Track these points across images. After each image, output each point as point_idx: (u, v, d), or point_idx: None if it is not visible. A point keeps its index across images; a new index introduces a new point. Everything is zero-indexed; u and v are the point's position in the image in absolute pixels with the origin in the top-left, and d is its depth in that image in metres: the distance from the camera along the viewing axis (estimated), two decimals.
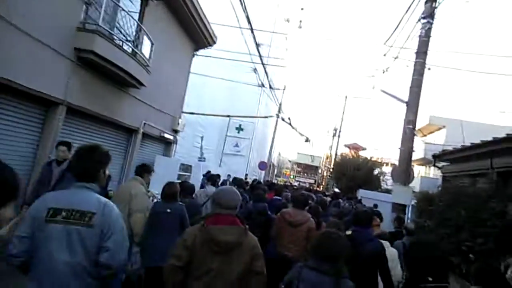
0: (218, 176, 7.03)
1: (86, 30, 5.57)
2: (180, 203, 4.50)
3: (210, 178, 6.78)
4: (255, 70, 13.17)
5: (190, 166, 10.21)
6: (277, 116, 20.96)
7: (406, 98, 8.55)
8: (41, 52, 4.99)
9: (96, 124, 6.80)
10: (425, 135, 30.30)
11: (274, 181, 38.71)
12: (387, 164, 36.25)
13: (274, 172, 41.46)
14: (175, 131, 10.47)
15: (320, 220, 5.32)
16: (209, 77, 18.52)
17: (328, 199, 11.66)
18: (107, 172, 2.20)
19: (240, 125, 20.22)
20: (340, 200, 10.75)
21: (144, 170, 4.59)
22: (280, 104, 22.10)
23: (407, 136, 8.35)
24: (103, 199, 2.01)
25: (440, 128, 25.09)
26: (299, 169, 65.22)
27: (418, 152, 28.40)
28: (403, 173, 8.40)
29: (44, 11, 4.95)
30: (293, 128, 22.25)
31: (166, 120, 9.81)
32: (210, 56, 15.30)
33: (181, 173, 9.63)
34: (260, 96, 20.31)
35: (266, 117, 19.31)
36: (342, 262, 2.35)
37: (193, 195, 6.67)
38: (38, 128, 5.42)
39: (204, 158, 18.84)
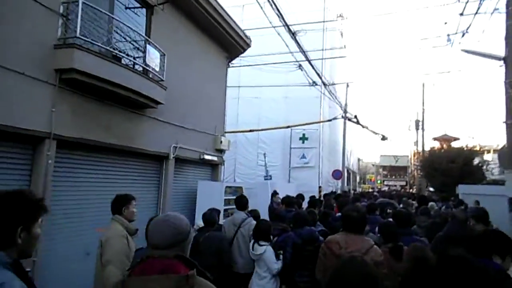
0: (242, 197, 5.58)
1: (64, 45, 4.70)
2: None
3: (237, 202, 5.33)
4: (300, 66, 11.54)
5: (240, 187, 8.88)
6: (343, 117, 18.85)
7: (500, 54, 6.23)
8: (13, 81, 4.20)
9: (106, 157, 5.88)
10: None
11: (358, 189, 35.66)
12: (488, 151, 31.10)
13: (356, 180, 38.34)
14: (220, 151, 9.33)
15: (398, 244, 3.48)
16: (262, 90, 17.46)
17: (414, 204, 9.31)
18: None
19: (303, 134, 18.54)
20: (432, 203, 8.40)
21: (120, 204, 3.38)
22: (346, 104, 19.96)
23: None
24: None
25: None
26: (385, 172, 60.29)
27: None
28: None
29: (10, 33, 4.19)
30: (363, 126, 19.81)
31: (206, 140, 8.72)
32: (252, 65, 14.28)
33: (229, 197, 8.35)
34: (321, 99, 18.52)
35: (329, 120, 17.37)
36: None
37: (220, 226, 5.33)
38: (27, 171, 4.61)
39: (270, 176, 17.49)
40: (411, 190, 42.10)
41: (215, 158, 9.00)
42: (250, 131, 16.98)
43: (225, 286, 4.55)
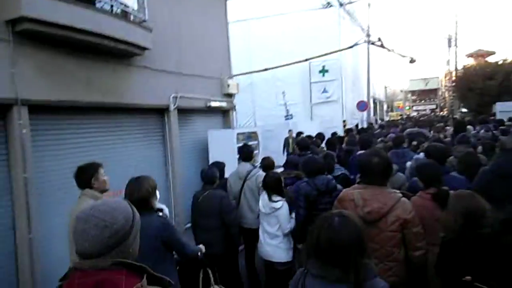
0: (246, 146, 4.87)
1: None
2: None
3: (241, 152, 4.71)
4: None
5: (254, 132, 8.22)
6: (366, 41, 17.19)
7: None
8: None
9: (94, 118, 5.27)
10: None
11: (386, 118, 34.16)
12: None
13: (383, 109, 36.72)
14: (229, 96, 8.56)
15: (442, 189, 2.75)
16: (273, 23, 16.00)
17: (449, 130, 8.32)
18: None
19: (323, 66, 17.22)
20: (468, 127, 7.42)
21: (86, 175, 2.82)
22: (368, 26, 18.12)
23: None
24: None
25: None
26: (413, 97, 57.61)
27: None
28: None
29: None
30: (388, 50, 18.12)
31: (211, 85, 7.92)
32: None
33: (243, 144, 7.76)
34: (339, 25, 16.80)
35: (351, 46, 15.83)
36: (356, 256, 1.45)
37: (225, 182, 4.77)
38: (2, 144, 4.11)
39: (291, 115, 16.68)
40: (441, 112, 40.07)
41: (223, 104, 8.27)
42: (265, 70, 15.85)
43: (233, 249, 4.12)
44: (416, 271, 2.41)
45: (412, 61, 18.62)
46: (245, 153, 4.79)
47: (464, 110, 22.64)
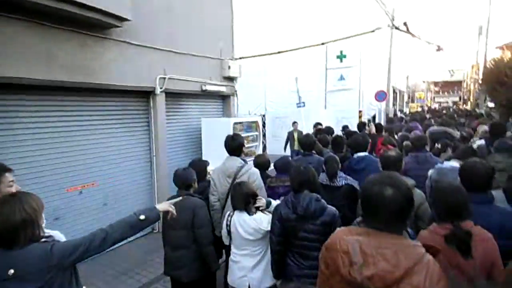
0: (234, 138, 3.80)
1: None
2: None
3: (227, 143, 3.76)
4: None
5: (255, 122, 7.34)
6: (390, 26, 15.85)
7: None
8: None
9: (58, 100, 4.50)
10: None
11: (406, 109, 32.51)
12: None
13: (404, 100, 35.00)
14: (230, 79, 7.66)
15: (461, 229, 1.88)
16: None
17: (480, 129, 7.16)
18: None
19: (341, 51, 16.03)
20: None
21: None
22: (393, 10, 16.70)
23: None
24: None
25: None
26: (436, 88, 55.18)
27: None
28: None
29: None
30: (414, 36, 16.71)
31: (208, 67, 7.03)
32: None
33: (243, 134, 6.91)
34: (361, 7, 15.53)
35: (373, 31, 14.53)
36: None
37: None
38: None
39: (303, 102, 15.66)
40: (464, 105, 38.03)
41: (222, 89, 7.38)
42: (278, 52, 14.77)
43: (207, 274, 3.31)
44: None
45: (438, 49, 17.22)
46: (232, 146, 3.70)
47: (490, 104, 21.05)
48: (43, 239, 1.73)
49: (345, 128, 8.38)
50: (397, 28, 15.24)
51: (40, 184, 4.30)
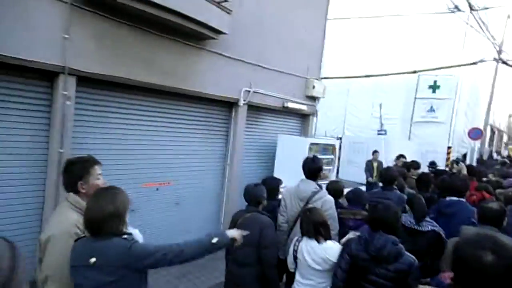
0: (313, 160, 3.51)
1: None
2: None
3: (305, 165, 3.56)
4: None
5: (332, 145, 7.08)
6: (496, 59, 14.33)
7: None
8: None
9: (149, 100, 4.81)
10: None
11: (504, 152, 28.95)
12: None
13: (503, 140, 31.22)
14: (312, 99, 7.56)
15: None
16: (381, 23, 14.27)
17: None
18: None
19: (435, 81, 14.92)
20: None
21: (74, 175, 2.16)
22: (502, 41, 15.11)
23: None
24: None
25: None
26: None
27: None
28: None
29: None
30: None
31: (292, 84, 7.02)
32: None
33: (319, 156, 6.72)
34: (464, 37, 14.35)
35: (474, 63, 13.25)
36: None
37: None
38: (45, 113, 3.84)
39: (385, 130, 14.88)
40: None
41: (304, 107, 7.30)
42: (365, 76, 14.28)
43: None
44: None
45: None
46: (310, 168, 3.53)
47: None
48: (124, 236, 1.79)
49: (432, 164, 7.65)
50: (504, 62, 13.70)
51: (122, 176, 4.61)
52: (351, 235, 2.71)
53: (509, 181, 6.49)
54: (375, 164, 9.01)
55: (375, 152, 9.35)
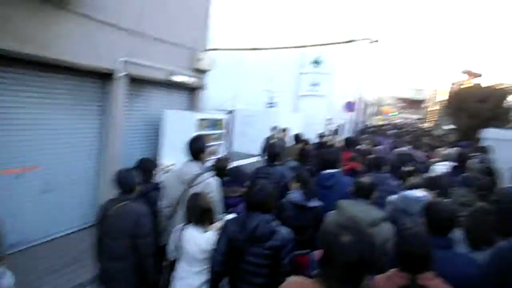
0: (197, 139, 3.30)
1: None
2: None
3: (189, 146, 3.34)
4: None
5: (220, 120, 6.99)
6: (366, 39, 15.96)
7: None
8: None
9: (5, 69, 3.96)
10: None
11: (372, 122, 33.42)
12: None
13: (371, 112, 35.94)
14: (200, 71, 7.26)
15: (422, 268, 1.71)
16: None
17: (440, 152, 7.24)
18: None
19: (318, 57, 15.97)
20: (470, 161, 6.40)
21: None
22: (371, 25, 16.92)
23: None
24: None
25: None
26: (401, 104, 57.32)
27: None
28: None
29: None
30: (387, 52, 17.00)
31: (179, 55, 6.60)
32: None
33: (206, 132, 6.55)
34: (339, 18, 15.51)
35: (350, 41, 14.56)
36: None
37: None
38: None
39: (273, 103, 15.52)
40: (425, 124, 39.83)
41: (191, 80, 6.98)
42: (253, 49, 14.42)
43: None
44: None
45: (409, 67, 17.54)
46: (192, 149, 3.30)
47: (449, 126, 22.02)
48: None
49: (321, 137, 8.19)
50: (372, 42, 15.37)
51: None
52: (228, 216, 2.66)
53: (378, 149, 7.41)
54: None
55: (273, 128, 8.49)
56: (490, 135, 11.44)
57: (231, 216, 2.67)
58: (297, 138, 6.69)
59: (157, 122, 6.35)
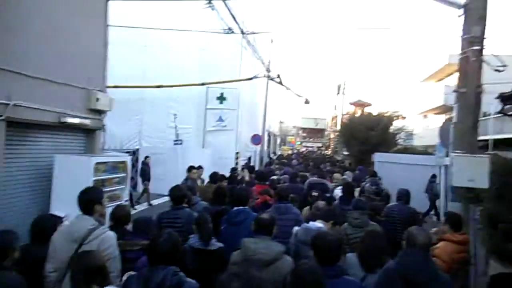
0: (90, 190, 3.06)
1: None
2: None
3: (80, 198, 3.05)
4: (210, 2, 8.81)
5: (123, 162, 6.62)
6: (266, 75, 17.12)
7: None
8: None
9: None
10: (441, 79, 26.23)
11: (278, 152, 35.24)
12: (396, 117, 33.02)
13: (277, 143, 37.95)
14: (97, 112, 6.84)
15: None
16: (173, 37, 14.62)
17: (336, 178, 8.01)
18: None
19: (222, 93, 16.44)
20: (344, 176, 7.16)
21: None
22: (269, 61, 18.22)
23: (471, 66, 4.60)
24: None
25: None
26: (304, 134, 61.78)
27: (434, 99, 24.41)
28: (468, 133, 4.73)
29: None
30: (287, 88, 18.46)
31: (72, 96, 6.13)
32: None
33: (105, 176, 6.11)
34: (241, 53, 16.35)
35: (250, 78, 15.45)
36: None
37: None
38: None
39: (181, 140, 15.30)
40: (326, 151, 43.59)
41: (87, 122, 6.50)
42: (158, 87, 14.23)
43: None
44: None
45: (306, 102, 19.35)
46: (85, 201, 2.97)
47: (346, 152, 24.39)
48: None
49: (233, 170, 8.23)
50: (272, 79, 16.55)
51: None
52: (127, 275, 2.46)
53: (284, 177, 7.79)
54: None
55: (146, 157, 7.83)
56: (378, 158, 12.98)
57: (131, 273, 2.47)
58: (213, 177, 6.65)
59: (48, 170, 5.72)
